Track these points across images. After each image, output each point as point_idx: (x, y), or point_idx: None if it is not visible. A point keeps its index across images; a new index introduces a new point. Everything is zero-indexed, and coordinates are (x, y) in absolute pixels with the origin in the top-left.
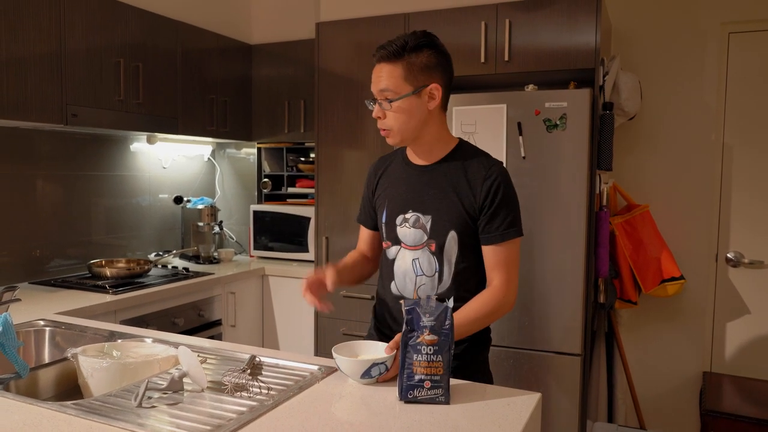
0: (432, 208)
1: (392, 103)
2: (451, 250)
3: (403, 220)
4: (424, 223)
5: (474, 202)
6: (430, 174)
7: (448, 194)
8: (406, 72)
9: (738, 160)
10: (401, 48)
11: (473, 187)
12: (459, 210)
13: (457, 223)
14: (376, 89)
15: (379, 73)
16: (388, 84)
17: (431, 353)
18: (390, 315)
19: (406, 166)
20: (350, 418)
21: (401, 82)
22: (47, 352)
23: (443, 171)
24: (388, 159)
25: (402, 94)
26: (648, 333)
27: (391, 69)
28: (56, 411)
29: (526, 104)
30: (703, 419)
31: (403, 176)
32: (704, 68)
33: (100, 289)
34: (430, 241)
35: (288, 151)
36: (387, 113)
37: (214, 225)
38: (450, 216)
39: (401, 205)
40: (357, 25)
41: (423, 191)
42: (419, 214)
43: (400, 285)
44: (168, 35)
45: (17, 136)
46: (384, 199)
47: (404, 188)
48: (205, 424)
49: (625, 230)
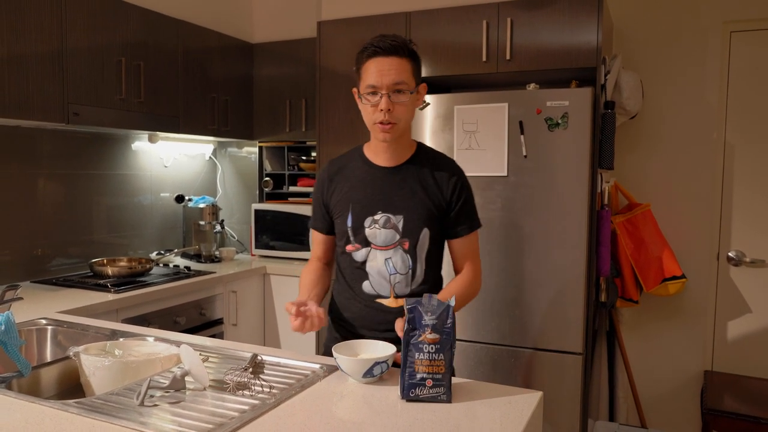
0: (402, 207)
1: (405, 95)
2: (423, 247)
3: (372, 222)
4: (395, 223)
5: (442, 199)
6: (397, 175)
7: (417, 194)
8: (413, 67)
9: (739, 159)
10: (405, 44)
11: (440, 185)
12: (429, 208)
13: (428, 221)
14: (388, 82)
15: (388, 66)
16: (403, 77)
17: (433, 352)
18: (364, 316)
19: (369, 167)
20: (352, 416)
21: (411, 76)
22: (49, 350)
23: (411, 171)
24: (340, 162)
25: (413, 88)
26: (649, 332)
27: (401, 62)
28: (58, 409)
29: (528, 103)
30: (705, 418)
31: (368, 178)
32: (706, 67)
33: (101, 288)
34: (403, 240)
35: (289, 149)
36: (396, 106)
37: (215, 224)
38: (421, 215)
39: (369, 207)
40: (358, 24)
41: (392, 192)
42: (389, 215)
43: (377, 284)
44: (169, 34)
45: (19, 135)
46: (347, 202)
47: (369, 190)
48: (208, 423)
49: (627, 229)
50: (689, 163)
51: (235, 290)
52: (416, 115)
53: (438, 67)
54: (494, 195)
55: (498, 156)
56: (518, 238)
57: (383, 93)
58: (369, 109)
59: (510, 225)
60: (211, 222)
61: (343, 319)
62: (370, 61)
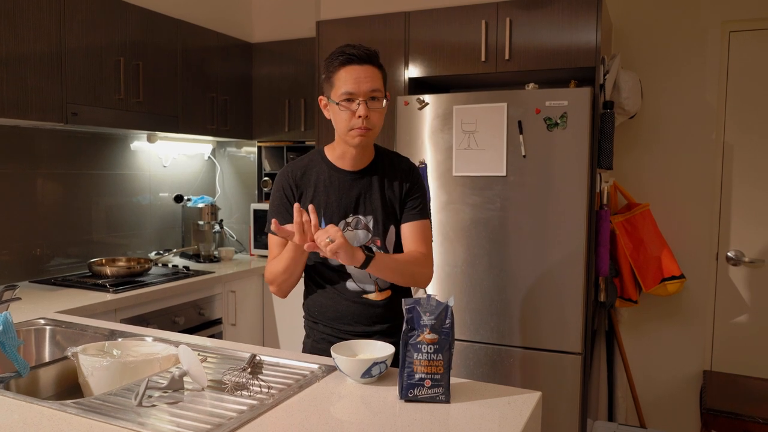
0: (371, 208)
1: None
2: (391, 242)
3: (345, 225)
4: (366, 223)
5: (402, 194)
6: (364, 178)
7: (384, 194)
8: (383, 77)
9: (738, 159)
10: (376, 54)
11: (401, 181)
12: (393, 206)
13: (393, 217)
14: (365, 89)
15: (364, 74)
16: (378, 85)
17: (431, 352)
18: (353, 312)
19: (335, 172)
20: (351, 417)
21: (382, 85)
22: (47, 350)
23: (376, 174)
24: (301, 166)
25: (384, 96)
26: (648, 332)
27: (375, 71)
28: (56, 410)
29: (527, 103)
30: (704, 418)
31: (335, 183)
32: (705, 67)
33: (100, 288)
34: (374, 238)
35: (288, 149)
36: (372, 113)
37: (214, 224)
38: (389, 213)
39: (340, 211)
40: (358, 24)
41: (360, 195)
42: (359, 216)
43: (359, 281)
44: (168, 34)
45: (17, 135)
46: (318, 207)
47: (338, 194)
48: (206, 423)
49: (626, 229)
50: (688, 163)
51: (234, 290)
52: (415, 115)
53: (437, 67)
54: (493, 195)
55: (497, 156)
56: (517, 238)
57: (360, 100)
58: (345, 116)
59: (509, 225)
60: (209, 222)
61: (330, 318)
62: (343, 68)
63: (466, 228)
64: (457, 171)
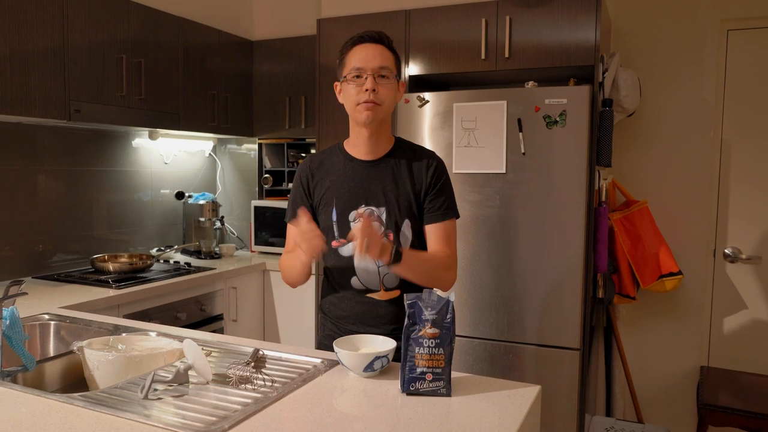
0: (385, 200)
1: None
2: (407, 239)
3: (357, 216)
4: (379, 215)
5: (421, 189)
6: (378, 168)
7: (398, 186)
8: (395, 59)
9: (736, 157)
10: (388, 37)
11: (419, 175)
12: (410, 199)
13: (409, 211)
14: (373, 65)
15: (373, 52)
16: (387, 63)
17: (433, 346)
18: (357, 313)
19: (349, 161)
20: (353, 410)
21: (393, 66)
22: (52, 345)
23: (390, 164)
24: (321, 157)
25: (396, 76)
26: (646, 328)
27: (385, 51)
28: (64, 403)
29: (526, 101)
30: (701, 413)
31: (349, 172)
32: (703, 65)
33: (103, 284)
34: (387, 231)
35: (289, 146)
36: (381, 87)
37: (215, 220)
38: (403, 206)
39: (352, 201)
40: (358, 22)
41: (373, 185)
42: (372, 207)
43: (364, 278)
44: (170, 31)
45: (20, 132)
46: (330, 197)
47: (352, 184)
48: (211, 416)
49: (624, 226)
50: (686, 161)
51: (235, 286)
52: (415, 113)
53: (437, 65)
54: (493, 192)
55: (496, 153)
56: (516, 235)
57: (368, 74)
58: (353, 90)
59: (508, 222)
60: (210, 218)
61: (336, 316)
62: (355, 48)
63: (466, 225)
64: (457, 168)
